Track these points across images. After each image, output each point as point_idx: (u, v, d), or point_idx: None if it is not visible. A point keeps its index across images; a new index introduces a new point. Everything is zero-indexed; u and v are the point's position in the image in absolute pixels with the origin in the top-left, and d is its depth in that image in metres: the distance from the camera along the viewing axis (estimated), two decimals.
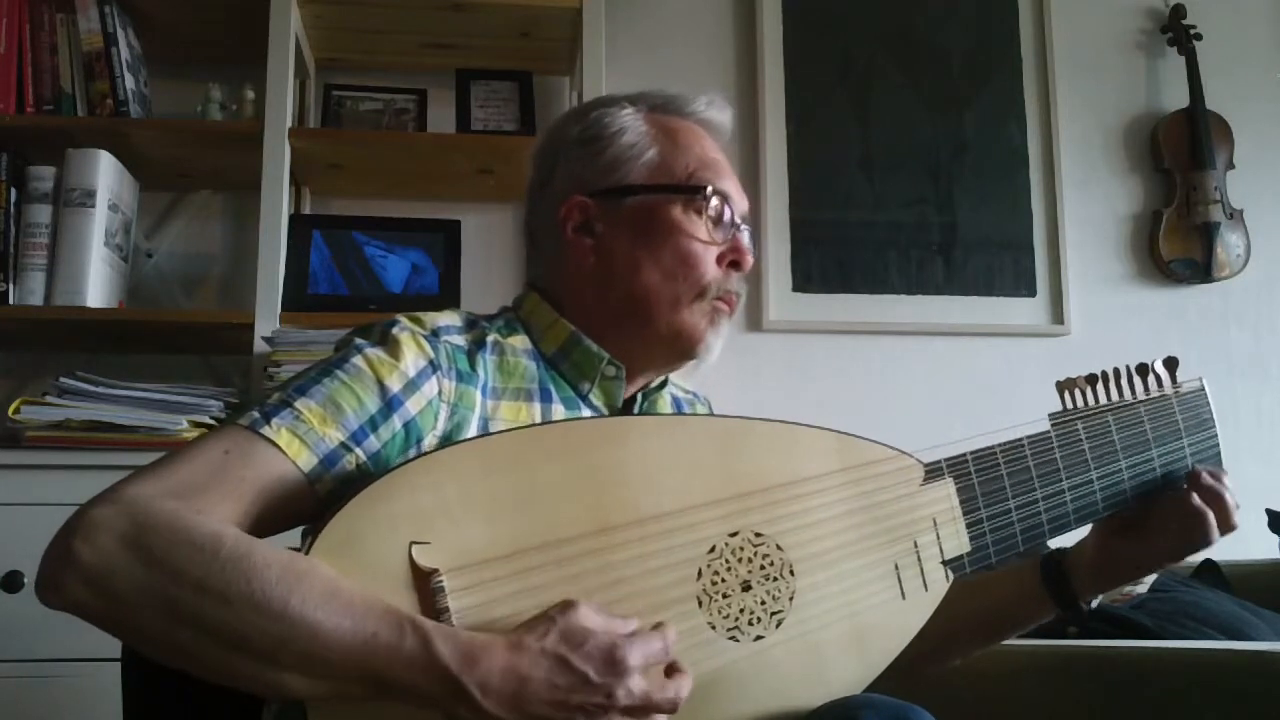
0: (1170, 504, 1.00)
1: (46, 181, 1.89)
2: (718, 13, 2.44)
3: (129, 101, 1.97)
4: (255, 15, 1.98)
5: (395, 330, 0.86)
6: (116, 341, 2.02)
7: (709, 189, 0.96)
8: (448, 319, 0.92)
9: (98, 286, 1.88)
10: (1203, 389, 1.10)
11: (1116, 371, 1.05)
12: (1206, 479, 1.00)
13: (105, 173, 1.90)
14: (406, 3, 2.06)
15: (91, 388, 1.77)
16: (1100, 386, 1.04)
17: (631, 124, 0.99)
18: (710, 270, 0.95)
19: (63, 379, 1.77)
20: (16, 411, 1.72)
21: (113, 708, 0.97)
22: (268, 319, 1.88)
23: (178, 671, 0.69)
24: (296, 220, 2.06)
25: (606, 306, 0.96)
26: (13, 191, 1.89)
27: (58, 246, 1.87)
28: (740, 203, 0.99)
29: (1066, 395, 1.04)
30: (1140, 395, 1.05)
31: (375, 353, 0.84)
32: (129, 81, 1.98)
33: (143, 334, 1.99)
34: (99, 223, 1.88)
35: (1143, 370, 1.06)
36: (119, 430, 1.73)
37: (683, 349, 0.96)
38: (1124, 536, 1.01)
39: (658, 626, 0.75)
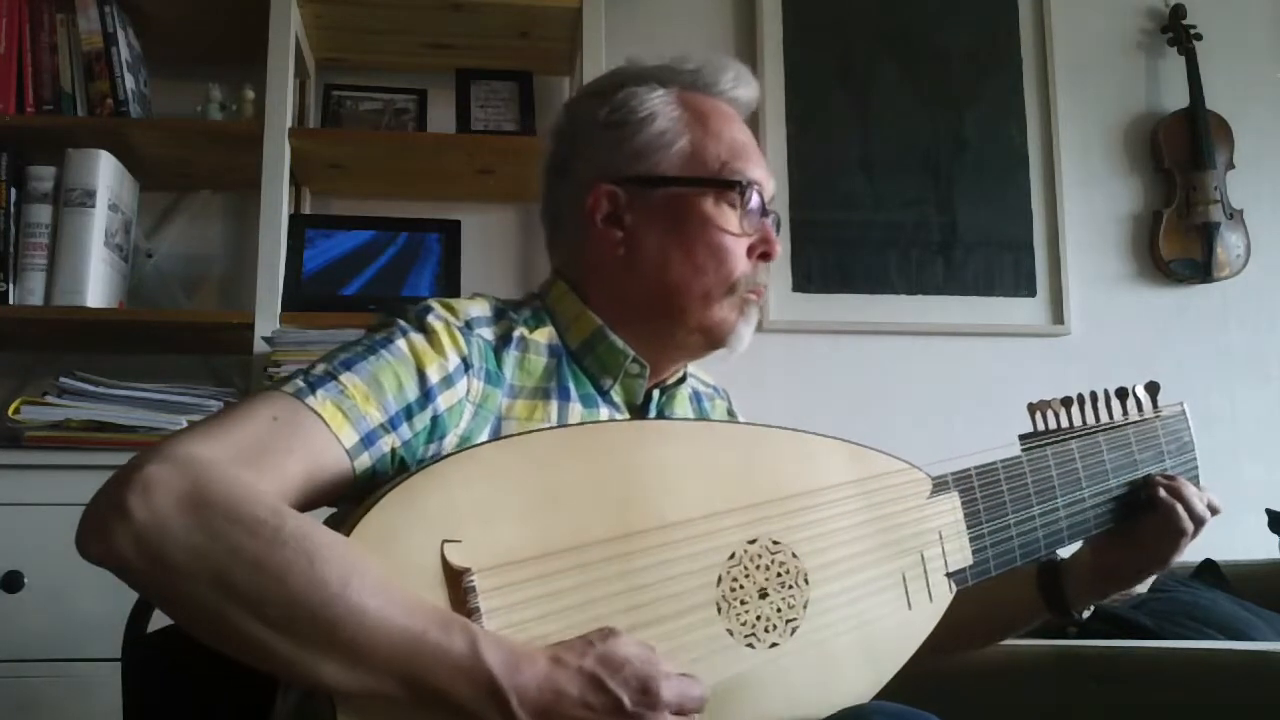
0: (1149, 511, 1.03)
1: (46, 181, 1.89)
2: (718, 13, 2.44)
3: (129, 101, 1.97)
4: (255, 15, 1.98)
5: (431, 319, 0.86)
6: (116, 341, 2.02)
7: (743, 181, 0.94)
8: (479, 309, 0.91)
9: (98, 286, 1.88)
10: (1183, 413, 1.13)
11: (1094, 394, 1.06)
12: (1161, 479, 1.05)
13: (105, 173, 1.90)
14: (406, 3, 2.06)
15: (91, 388, 1.77)
16: (1075, 409, 1.05)
17: (661, 109, 0.95)
18: (740, 264, 0.94)
19: (63, 379, 1.77)
20: (16, 411, 1.72)
21: (113, 708, 0.96)
22: (268, 319, 1.88)
23: (177, 671, 0.69)
24: (296, 220, 2.06)
25: (634, 298, 0.94)
26: (13, 191, 1.89)
27: (58, 246, 1.87)
28: (769, 186, 0.98)
29: (1038, 416, 1.04)
30: (1118, 418, 1.07)
31: (418, 339, 0.84)
32: (129, 81, 1.98)
33: (143, 334, 1.98)
34: (99, 223, 1.88)
35: (1122, 393, 1.08)
36: (119, 430, 1.73)
37: (713, 341, 0.96)
38: (1113, 546, 1.04)
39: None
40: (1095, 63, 2.54)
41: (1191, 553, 1.05)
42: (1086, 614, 1.07)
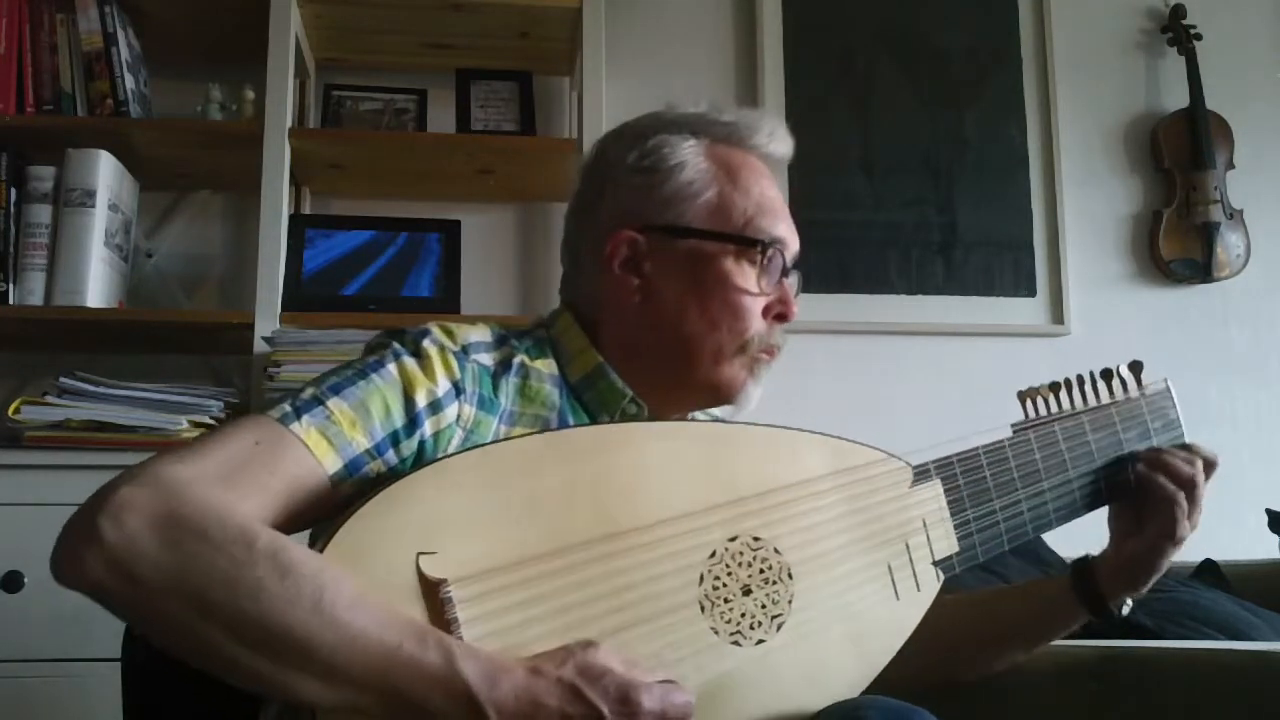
0: (1139, 488, 1.02)
1: (46, 181, 1.89)
2: (718, 13, 2.44)
3: (129, 101, 1.97)
4: (255, 15, 1.98)
5: (427, 343, 0.85)
6: (116, 341, 2.02)
7: (766, 242, 0.94)
8: (479, 335, 0.90)
9: (98, 286, 1.88)
10: (1167, 389, 1.12)
11: (1080, 378, 1.06)
12: (1141, 454, 1.04)
13: (105, 173, 1.90)
14: (406, 3, 2.06)
15: (91, 388, 1.77)
16: (1064, 394, 1.04)
17: (692, 159, 0.95)
18: (755, 324, 0.94)
19: (63, 379, 1.77)
20: (16, 411, 1.72)
21: (112, 708, 0.97)
22: (268, 319, 1.88)
23: (177, 672, 0.69)
24: (296, 220, 2.06)
25: (645, 346, 0.94)
26: (13, 191, 1.89)
27: (58, 246, 1.87)
28: (793, 244, 0.98)
29: (1029, 403, 1.04)
30: (1105, 399, 1.06)
31: (410, 363, 0.83)
32: (129, 81, 1.98)
33: (143, 334, 1.99)
34: (99, 223, 1.88)
35: (1107, 375, 1.08)
36: (119, 430, 1.73)
37: (720, 398, 0.96)
38: (1125, 532, 1.03)
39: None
40: (1095, 63, 2.54)
41: (1192, 553, 1.04)
42: (1126, 609, 1.04)
